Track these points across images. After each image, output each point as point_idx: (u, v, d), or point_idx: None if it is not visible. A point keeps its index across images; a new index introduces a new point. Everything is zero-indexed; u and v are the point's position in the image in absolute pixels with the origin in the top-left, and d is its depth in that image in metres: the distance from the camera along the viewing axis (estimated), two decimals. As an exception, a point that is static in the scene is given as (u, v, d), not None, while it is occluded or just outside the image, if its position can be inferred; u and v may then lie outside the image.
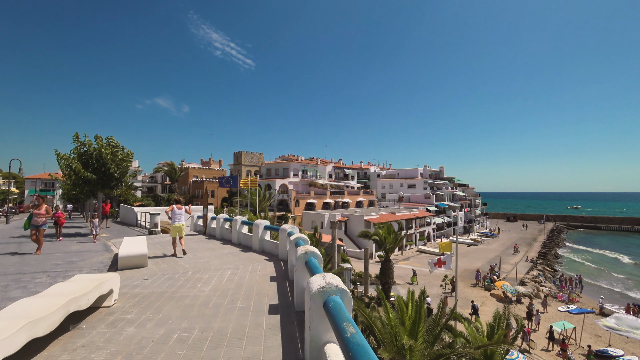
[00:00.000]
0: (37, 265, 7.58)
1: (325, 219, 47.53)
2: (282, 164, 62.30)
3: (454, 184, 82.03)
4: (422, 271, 37.39)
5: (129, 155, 15.29)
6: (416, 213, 56.07)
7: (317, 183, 62.35)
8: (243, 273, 6.67)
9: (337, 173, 72.94)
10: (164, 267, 7.34)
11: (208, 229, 13.65)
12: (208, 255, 8.82)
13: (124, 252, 7.18)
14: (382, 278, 25.74)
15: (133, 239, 8.87)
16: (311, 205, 56.40)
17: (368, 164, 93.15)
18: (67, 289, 4.13)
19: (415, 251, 50.51)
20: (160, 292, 5.40)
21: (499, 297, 29.07)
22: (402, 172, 77.94)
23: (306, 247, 4.55)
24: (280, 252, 8.08)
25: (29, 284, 5.87)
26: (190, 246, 10.45)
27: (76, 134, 13.80)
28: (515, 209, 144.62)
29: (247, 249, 9.60)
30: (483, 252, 49.61)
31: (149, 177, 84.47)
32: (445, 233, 63.82)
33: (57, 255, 8.98)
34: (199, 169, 67.66)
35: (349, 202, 63.43)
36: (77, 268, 7.27)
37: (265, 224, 9.21)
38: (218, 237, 12.32)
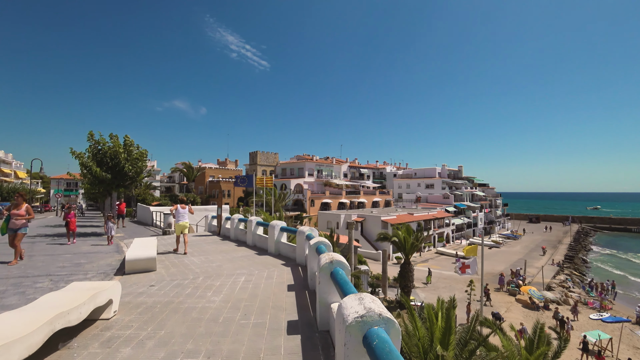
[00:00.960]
0: (43, 267, 7.20)
1: (341, 219, 46.74)
2: (297, 163, 61.87)
3: (474, 183, 79.56)
4: (443, 274, 36.10)
5: (144, 153, 15.02)
6: (434, 214, 54.50)
7: (333, 183, 61.59)
8: (258, 280, 6.04)
9: (353, 173, 71.95)
10: (174, 272, 6.81)
11: (222, 229, 13.17)
12: (221, 258, 8.26)
13: (132, 255, 6.69)
14: (402, 281, 24.77)
15: (143, 240, 8.42)
16: (326, 205, 55.70)
17: (384, 164, 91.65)
18: (57, 301, 3.59)
19: (434, 253, 49.05)
20: (166, 302, 4.83)
21: (525, 303, 27.53)
22: (419, 171, 76.17)
23: (331, 256, 3.86)
24: (298, 256, 7.42)
25: (28, 290, 5.43)
26: (203, 248, 9.95)
27: (90, 132, 13.61)
28: (536, 209, 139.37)
29: (262, 252, 9.00)
30: (505, 255, 47.64)
31: (167, 177, 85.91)
32: (464, 234, 61.85)
33: (65, 256, 8.62)
34: (216, 169, 68.15)
35: (364, 202, 62.39)
36: (83, 271, 6.84)
37: (282, 225, 8.58)
38: (232, 238, 11.80)
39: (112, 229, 11.76)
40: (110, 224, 11.73)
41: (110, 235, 11.64)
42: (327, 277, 3.70)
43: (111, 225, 11.73)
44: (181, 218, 9.50)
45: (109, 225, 11.70)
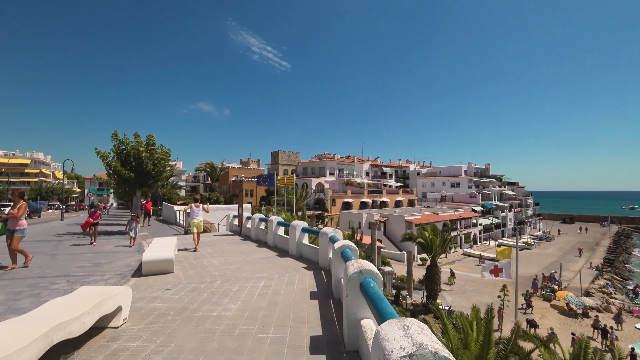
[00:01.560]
0: (62, 267, 7.11)
1: (363, 218, 45.92)
2: (318, 162, 61.51)
3: (502, 182, 76.20)
4: (471, 277, 34.57)
5: (166, 153, 15.06)
6: (461, 213, 52.52)
7: (354, 182, 60.78)
8: (278, 285, 5.59)
9: (375, 171, 70.73)
10: (191, 274, 6.50)
11: (243, 229, 12.92)
12: (240, 260, 7.91)
13: (148, 256, 6.44)
14: (428, 284, 23.76)
15: (162, 240, 8.22)
16: (348, 204, 55.00)
17: (407, 162, 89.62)
18: (59, 309, 3.28)
19: (461, 254, 47.23)
20: (180, 309, 4.47)
21: (562, 310, 25.73)
22: (444, 169, 73.81)
23: (359, 264, 3.33)
24: (321, 259, 6.93)
25: (43, 292, 5.26)
26: (224, 248, 9.67)
27: (115, 132, 13.75)
28: (569, 209, 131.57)
29: (283, 254, 8.58)
30: (538, 257, 45.07)
31: (192, 177, 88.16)
32: (493, 235, 59.25)
33: (87, 256, 8.58)
34: (239, 169, 69.07)
35: (387, 202, 61.14)
36: (101, 272, 6.67)
37: (303, 225, 8.12)
38: (253, 238, 11.50)
39: (136, 229, 11.02)
40: (133, 224, 10.97)
41: (132, 236, 10.87)
42: (355, 289, 3.17)
43: (134, 226, 10.98)
44: (195, 216, 9.96)
45: (132, 225, 10.94)
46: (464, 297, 29.30)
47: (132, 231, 10.89)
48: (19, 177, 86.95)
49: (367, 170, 68.26)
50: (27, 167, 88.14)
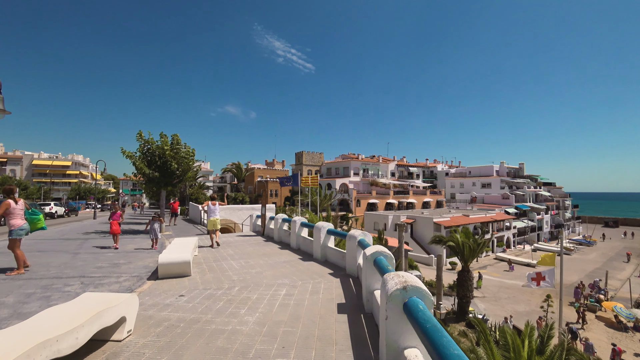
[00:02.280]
0: (81, 267, 6.91)
1: (389, 220, 44.65)
2: (342, 162, 60.71)
3: (537, 182, 71.97)
4: (505, 283, 32.58)
5: (190, 152, 14.97)
6: (493, 215, 49.93)
7: (379, 182, 59.42)
8: (301, 294, 5.00)
9: (401, 172, 68.90)
10: (209, 279, 6.06)
11: (266, 229, 12.50)
12: (262, 263, 7.41)
13: (165, 259, 6.06)
14: (460, 291, 22.41)
15: (182, 241, 7.88)
16: (373, 205, 53.80)
17: (434, 162, 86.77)
18: (51, 322, 2.86)
19: (493, 259, 44.81)
20: (192, 320, 3.98)
21: (609, 322, 23.48)
22: (475, 169, 70.72)
23: (403, 279, 2.66)
24: (349, 265, 6.27)
25: (54, 294, 4.98)
26: (245, 250, 9.24)
27: (140, 132, 13.79)
28: (612, 212, 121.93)
29: (307, 257, 8.00)
30: (579, 263, 41.80)
31: (219, 178, 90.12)
32: (527, 239, 55.92)
33: (107, 255, 8.42)
34: (264, 169, 69.68)
35: (414, 203, 59.28)
36: (117, 274, 6.38)
37: (329, 227, 7.50)
38: (276, 239, 11.02)
39: (157, 230, 9.95)
40: (155, 225, 9.87)
41: (154, 238, 9.88)
42: (398, 310, 2.50)
43: (156, 227, 9.90)
44: (212, 214, 10.21)
45: (154, 226, 9.86)
46: (497, 304, 27.54)
47: (153, 232, 9.87)
48: (61, 178, 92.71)
49: (393, 170, 66.61)
50: (68, 169, 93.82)
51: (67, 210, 38.80)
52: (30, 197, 60.44)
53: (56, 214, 33.42)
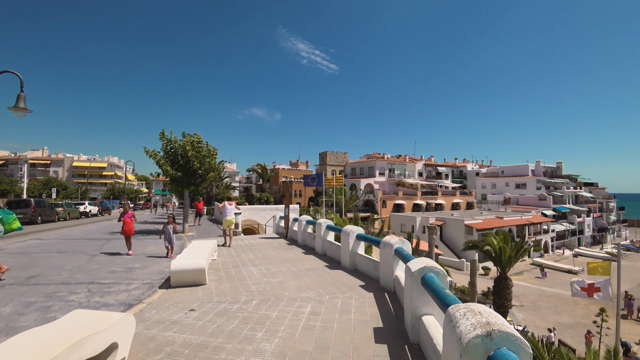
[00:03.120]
0: (94, 271, 6.51)
1: (416, 222, 42.93)
2: (367, 162, 59.37)
3: (577, 182, 67.10)
4: (545, 291, 30.19)
5: (212, 151, 14.61)
6: (529, 218, 46.84)
7: (406, 182, 57.56)
8: (329, 313, 4.21)
9: (429, 171, 66.48)
10: (225, 289, 5.41)
11: (290, 231, 11.84)
12: (284, 270, 6.69)
13: (177, 265, 5.48)
14: (496, 299, 20.72)
15: (200, 244, 7.32)
16: (399, 206, 52.10)
17: (464, 161, 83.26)
18: (15, 354, 2.26)
19: (529, 264, 41.94)
20: (199, 345, 3.30)
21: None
22: (508, 169, 67.06)
23: (483, 316, 1.80)
24: (383, 276, 5.40)
25: (55, 304, 4.50)
26: (267, 254, 8.58)
27: (162, 131, 13.57)
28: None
29: (333, 264, 7.21)
30: (628, 271, 38.05)
31: (245, 178, 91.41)
32: (567, 243, 52.04)
33: (124, 258, 8.04)
34: (288, 170, 69.72)
35: (443, 204, 56.90)
36: (128, 280, 5.89)
37: (358, 232, 6.66)
38: (300, 242, 10.31)
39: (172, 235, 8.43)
40: (169, 228, 8.37)
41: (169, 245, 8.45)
42: None
43: (169, 231, 8.39)
44: (227, 214, 10.42)
45: (168, 230, 8.37)
46: (537, 315, 25.45)
47: (167, 238, 8.42)
48: (98, 179, 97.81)
49: (420, 170, 64.37)
50: (104, 170, 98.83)
51: (101, 210, 40.38)
52: (69, 197, 63.83)
53: (90, 213, 34.73)
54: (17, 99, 8.51)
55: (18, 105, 8.51)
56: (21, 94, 8.57)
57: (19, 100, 8.53)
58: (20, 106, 8.54)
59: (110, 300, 4.77)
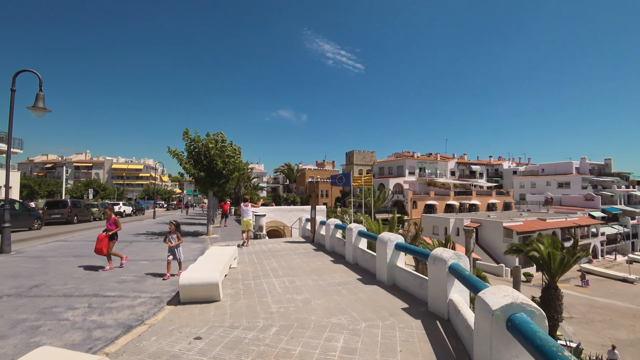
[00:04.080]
0: (103, 279, 5.94)
1: (450, 223, 40.70)
2: (396, 161, 57.46)
3: (629, 181, 61.30)
4: (597, 302, 27.31)
5: (236, 150, 14.07)
6: (575, 220, 43.11)
7: (437, 182, 55.07)
8: (368, 353, 3.23)
9: (462, 170, 63.31)
10: (241, 307, 4.59)
11: (317, 235, 10.96)
12: (311, 284, 5.79)
13: (187, 279, 4.74)
14: (544, 311, 18.70)
15: (217, 252, 6.60)
16: (431, 207, 49.86)
17: (499, 159, 78.76)
18: None
19: (576, 270, 38.44)
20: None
21: None
22: (549, 167, 62.54)
23: None
24: (433, 298, 4.33)
25: (49, 322, 3.89)
26: (291, 262, 7.72)
27: (186, 130, 13.17)
28: None
29: (367, 277, 6.22)
30: (699, 280, 33.91)
31: (272, 179, 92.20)
32: (620, 248, 47.35)
33: (140, 264, 7.48)
34: (314, 170, 69.24)
35: (477, 205, 53.87)
36: (137, 292, 5.24)
37: (397, 241, 5.61)
38: (328, 248, 9.38)
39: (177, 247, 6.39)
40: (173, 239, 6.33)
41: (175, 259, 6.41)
42: None
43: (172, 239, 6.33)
44: (245, 215, 10.53)
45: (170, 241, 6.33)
46: (590, 329, 22.93)
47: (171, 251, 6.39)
48: (135, 180, 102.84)
49: (453, 169, 61.42)
50: (140, 172, 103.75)
51: (135, 210, 41.77)
52: (108, 197, 67.21)
53: (124, 212, 35.89)
54: (36, 98, 8.29)
55: (37, 104, 8.29)
56: (40, 94, 8.34)
57: (38, 100, 8.30)
58: (39, 106, 8.32)
59: (108, 320, 4.09)
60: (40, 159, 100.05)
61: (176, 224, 6.57)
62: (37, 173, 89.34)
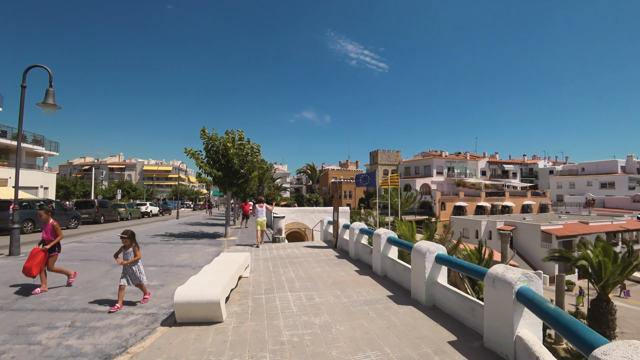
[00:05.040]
0: (99, 291, 5.30)
1: (481, 226, 38.39)
2: (422, 161, 55.33)
3: (686, 180, 55.68)
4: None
5: (254, 148, 13.41)
6: (622, 223, 39.41)
7: (467, 182, 52.42)
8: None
9: (493, 170, 60.06)
10: (246, 332, 3.76)
11: (339, 240, 10.01)
12: (332, 302, 4.86)
13: (183, 295, 3.96)
14: (594, 328, 16.69)
15: (226, 260, 5.83)
16: (460, 209, 47.46)
17: (533, 158, 74.28)
18: None
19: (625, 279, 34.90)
20: None
21: None
22: (590, 165, 58.11)
23: None
24: (492, 331, 3.29)
25: (16, 347, 3.21)
26: (311, 273, 6.81)
27: (203, 128, 12.63)
28: None
29: (400, 295, 5.21)
30: None
31: (295, 179, 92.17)
32: (676, 255, 42.75)
33: (145, 271, 6.85)
34: (337, 170, 68.25)
35: (511, 207, 50.77)
36: (131, 306, 4.54)
37: (438, 252, 4.57)
38: (352, 255, 8.40)
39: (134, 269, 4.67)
40: (128, 254, 4.66)
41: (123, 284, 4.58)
42: None
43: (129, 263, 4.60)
44: (259, 215, 10.74)
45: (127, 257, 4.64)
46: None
47: (124, 273, 4.65)
48: (164, 181, 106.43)
49: (484, 168, 58.36)
50: (169, 173, 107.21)
51: (162, 210, 42.57)
52: (138, 198, 69.60)
53: (151, 213, 36.54)
54: (46, 94, 7.92)
55: (47, 101, 7.92)
56: (50, 90, 7.97)
57: (48, 96, 7.93)
58: (49, 102, 7.95)
59: (85, 346, 3.37)
60: (78, 162, 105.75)
61: (130, 234, 4.65)
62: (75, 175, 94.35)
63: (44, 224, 5.29)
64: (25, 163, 31.97)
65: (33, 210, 15.70)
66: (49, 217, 5.29)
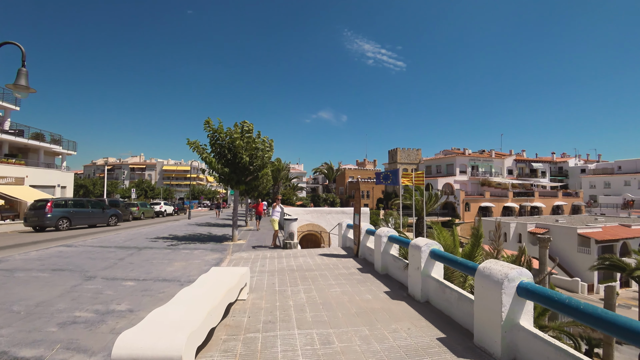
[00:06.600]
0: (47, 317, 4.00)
1: (510, 229, 35.80)
2: (444, 159, 52.75)
3: None
4: None
5: (266, 142, 12.06)
6: (669, 227, 35.85)
7: (493, 182, 49.52)
8: None
9: (520, 168, 56.68)
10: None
11: (361, 248, 8.44)
12: (358, 347, 3.33)
13: (126, 348, 2.54)
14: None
15: (215, 278, 4.39)
16: (486, 209, 44.75)
17: (563, 156, 69.86)
18: None
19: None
20: None
21: None
22: (627, 164, 53.98)
23: None
24: None
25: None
26: (327, 294, 5.27)
27: (208, 119, 11.36)
28: None
29: (456, 337, 3.64)
30: None
31: (312, 179, 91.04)
32: None
33: (120, 287, 5.52)
34: (355, 170, 66.55)
35: (540, 207, 47.59)
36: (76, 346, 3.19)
37: (522, 279, 2.99)
38: (378, 269, 6.81)
39: None
40: None
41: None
42: None
43: None
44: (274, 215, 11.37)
45: None
46: None
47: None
48: (183, 181, 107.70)
49: (510, 167, 55.13)
50: (188, 173, 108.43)
51: (176, 210, 42.12)
52: (156, 197, 70.27)
53: (165, 212, 36.02)
54: (18, 74, 6.75)
55: (18, 82, 6.74)
56: (22, 69, 6.80)
57: (20, 77, 6.77)
58: (21, 83, 6.82)
59: None
60: (101, 162, 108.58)
61: None
62: (99, 174, 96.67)
63: None
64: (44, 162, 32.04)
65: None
66: None
